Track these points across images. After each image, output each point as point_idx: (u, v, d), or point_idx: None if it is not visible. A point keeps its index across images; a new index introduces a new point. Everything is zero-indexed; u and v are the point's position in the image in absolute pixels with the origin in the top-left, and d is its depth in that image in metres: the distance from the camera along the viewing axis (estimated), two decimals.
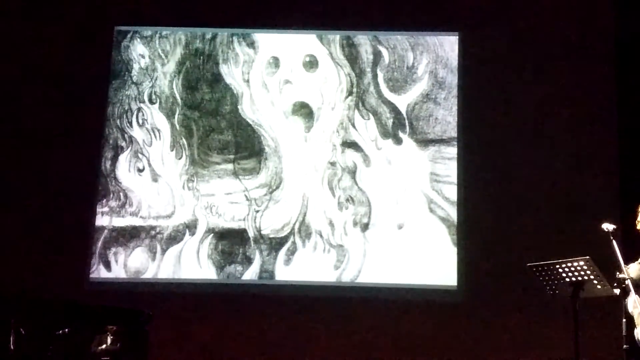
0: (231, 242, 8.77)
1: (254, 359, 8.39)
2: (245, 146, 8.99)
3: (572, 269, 5.45)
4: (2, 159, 8.96)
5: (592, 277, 5.42)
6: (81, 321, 7.14)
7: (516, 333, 8.26)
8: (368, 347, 8.34)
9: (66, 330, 6.96)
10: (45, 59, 9.16)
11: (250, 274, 8.69)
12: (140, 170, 9.01)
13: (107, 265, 8.80)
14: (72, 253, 8.70)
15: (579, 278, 5.45)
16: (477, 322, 8.35)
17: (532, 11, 8.98)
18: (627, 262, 5.48)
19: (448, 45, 9.00)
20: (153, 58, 9.22)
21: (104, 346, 7.28)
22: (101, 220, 8.88)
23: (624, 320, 5.50)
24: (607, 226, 5.56)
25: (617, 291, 5.52)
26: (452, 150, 8.77)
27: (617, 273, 5.45)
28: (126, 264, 8.80)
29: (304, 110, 9.01)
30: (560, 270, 5.50)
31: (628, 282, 5.41)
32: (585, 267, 5.41)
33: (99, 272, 8.78)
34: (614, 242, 5.44)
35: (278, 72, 9.11)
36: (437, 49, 9.02)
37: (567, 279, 5.49)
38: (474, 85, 8.88)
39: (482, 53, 8.93)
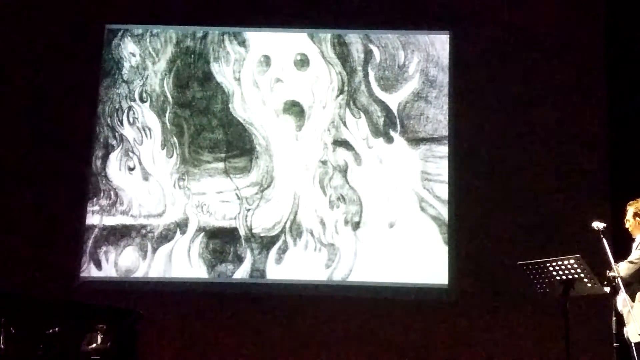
0: (222, 241, 8.76)
1: (245, 357, 8.38)
2: (236, 145, 8.98)
3: (563, 267, 5.46)
4: None
5: (582, 275, 5.43)
6: (71, 320, 7.12)
7: (507, 331, 8.28)
8: (359, 346, 8.35)
9: (56, 329, 6.94)
10: (36, 57, 9.14)
11: (241, 273, 8.68)
12: (131, 169, 8.99)
13: (98, 264, 8.78)
14: (62, 252, 8.67)
15: (570, 276, 5.46)
16: (468, 320, 8.37)
17: (522, 10, 8.99)
18: (617, 261, 5.49)
19: (439, 44, 9.01)
20: (144, 56, 9.20)
21: (94, 345, 7.26)
22: (92, 219, 8.86)
23: (614, 318, 5.52)
24: (597, 224, 5.56)
25: (607, 289, 5.53)
26: (443, 149, 8.78)
27: (607, 271, 5.46)
28: (117, 263, 8.78)
29: (295, 109, 9.00)
30: (551, 268, 5.51)
31: (618, 280, 5.42)
32: (575, 266, 5.42)
33: (90, 271, 8.75)
34: (604, 241, 5.45)
35: (269, 70, 9.10)
36: (428, 47, 9.02)
37: (558, 278, 5.50)
38: (464, 84, 8.89)
39: (473, 52, 8.94)
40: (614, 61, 8.72)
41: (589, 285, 5.49)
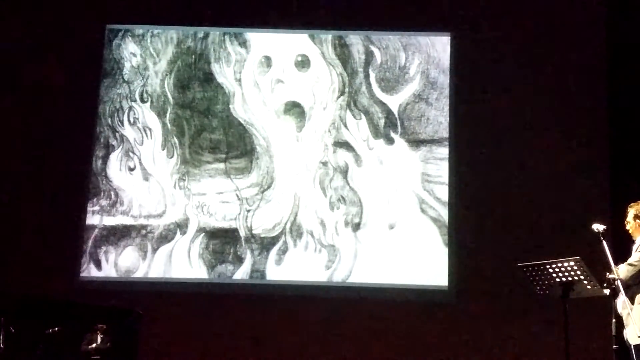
0: (222, 242, 8.76)
1: (244, 358, 8.38)
2: (236, 145, 8.98)
3: (563, 269, 5.46)
4: None
5: (582, 277, 5.42)
6: (71, 320, 7.12)
7: (506, 333, 8.28)
8: (359, 347, 8.35)
9: (56, 328, 6.95)
10: (36, 57, 9.13)
11: (241, 274, 8.68)
12: (131, 169, 8.99)
13: (98, 264, 8.78)
14: (62, 252, 8.67)
15: (569, 278, 5.45)
16: (468, 321, 8.36)
17: (523, 12, 8.99)
18: (616, 263, 5.49)
19: (440, 45, 9.01)
20: (145, 57, 9.20)
21: (94, 345, 7.28)
22: (92, 219, 8.86)
23: (614, 320, 5.51)
24: (597, 227, 5.56)
25: (607, 291, 5.52)
26: (444, 151, 8.78)
27: (607, 273, 5.45)
28: (117, 263, 8.78)
29: (296, 110, 9.00)
30: (551, 270, 5.50)
31: (618, 282, 5.41)
32: (575, 268, 5.42)
33: (90, 271, 8.76)
34: (604, 243, 5.44)
35: (270, 71, 9.10)
36: (429, 49, 9.02)
37: (558, 279, 5.49)
38: (465, 86, 8.89)
39: (474, 54, 8.94)
40: (614, 61, 8.71)
41: (589, 287, 5.48)
